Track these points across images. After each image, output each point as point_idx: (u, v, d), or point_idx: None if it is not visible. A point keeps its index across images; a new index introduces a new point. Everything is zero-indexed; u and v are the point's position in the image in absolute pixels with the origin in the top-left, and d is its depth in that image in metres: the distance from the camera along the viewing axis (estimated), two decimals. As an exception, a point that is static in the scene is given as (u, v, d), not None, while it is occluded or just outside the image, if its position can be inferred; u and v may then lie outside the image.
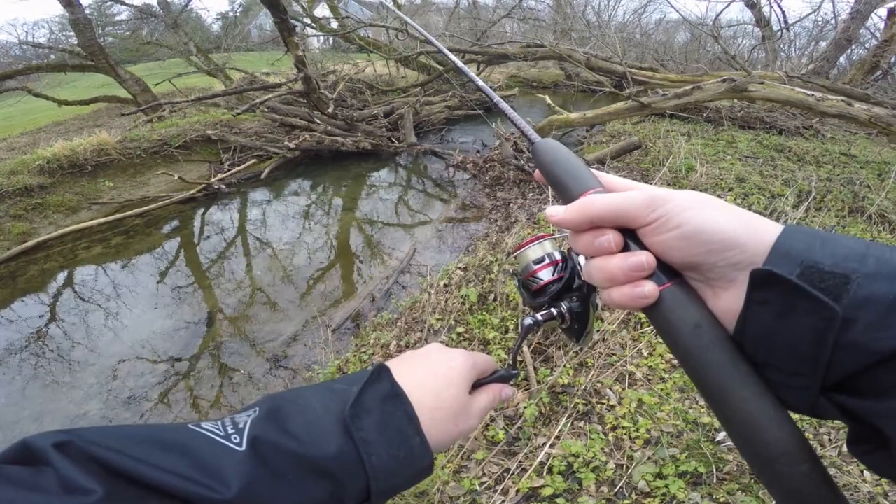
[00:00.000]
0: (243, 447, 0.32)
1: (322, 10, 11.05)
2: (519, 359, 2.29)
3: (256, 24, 18.91)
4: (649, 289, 0.32)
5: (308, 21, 9.39)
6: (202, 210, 6.15)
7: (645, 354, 2.26)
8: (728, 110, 7.11)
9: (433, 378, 0.43)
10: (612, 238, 0.33)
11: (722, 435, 1.74)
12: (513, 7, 10.38)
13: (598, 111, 6.32)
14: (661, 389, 2.01)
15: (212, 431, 0.32)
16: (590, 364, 2.23)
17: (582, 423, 1.93)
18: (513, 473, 1.76)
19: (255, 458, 0.32)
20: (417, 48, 8.72)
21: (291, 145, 6.77)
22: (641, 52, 12.73)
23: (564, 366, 2.22)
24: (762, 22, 10.36)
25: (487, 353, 2.43)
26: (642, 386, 2.06)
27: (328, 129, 7.17)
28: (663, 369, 2.14)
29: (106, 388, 3.11)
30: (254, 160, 7.02)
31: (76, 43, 9.27)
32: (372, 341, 2.86)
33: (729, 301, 0.31)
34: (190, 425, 0.33)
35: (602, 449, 1.77)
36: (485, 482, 1.76)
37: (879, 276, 0.27)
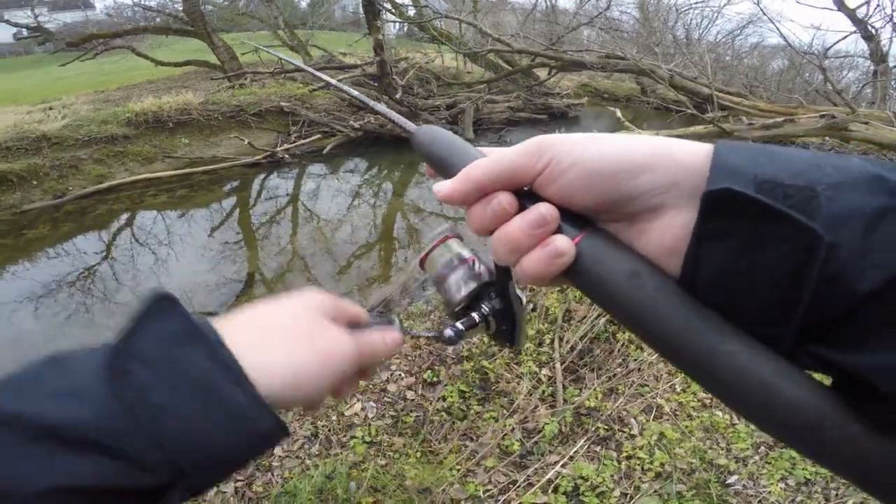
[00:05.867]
0: None
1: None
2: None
3: (340, 4, 19.65)
4: (561, 242, 0.27)
5: (388, 6, 9.61)
6: (263, 175, 6.45)
7: (678, 390, 2.21)
8: (816, 147, 6.55)
9: (266, 313, 0.33)
10: (503, 199, 0.28)
11: (734, 478, 1.72)
12: (596, 15, 10.09)
13: (671, 132, 6.04)
14: (686, 427, 1.97)
15: None
16: (620, 391, 2.20)
17: (598, 448, 1.92)
18: (518, 486, 1.77)
19: None
20: (488, 45, 8.66)
21: (356, 125, 6.96)
22: (730, 76, 12.02)
23: (594, 389, 2.20)
24: (877, 56, 9.42)
25: (517, 364, 2.40)
26: (668, 420, 2.02)
27: (393, 113, 7.30)
28: (693, 407, 2.10)
29: None
30: (319, 135, 7.26)
31: (181, 8, 9.96)
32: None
33: (659, 236, 0.26)
34: None
35: (612, 476, 1.76)
36: (489, 490, 1.77)
37: (845, 185, 0.22)
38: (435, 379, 2.42)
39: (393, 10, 9.56)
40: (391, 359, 2.62)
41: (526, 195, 0.29)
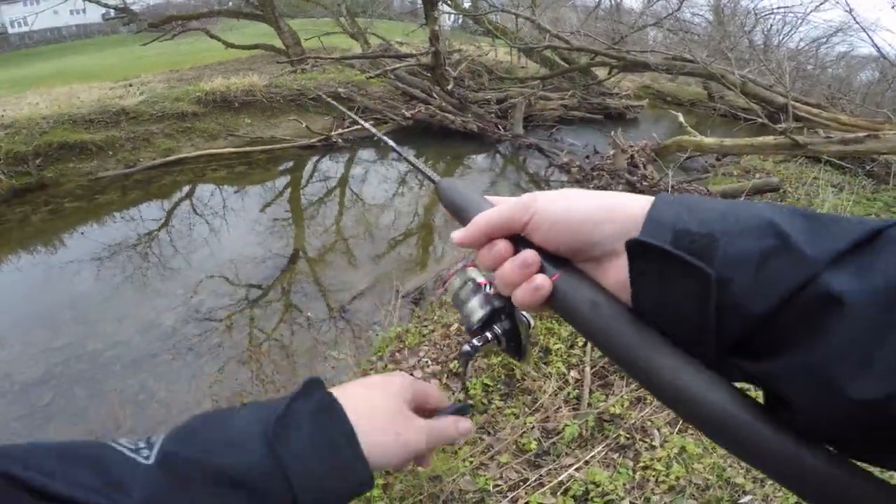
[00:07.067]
0: (150, 461, 0.33)
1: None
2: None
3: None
4: (540, 280, 0.34)
5: (446, -3, 9.57)
6: (316, 158, 6.69)
7: (710, 405, 2.10)
8: (901, 166, 5.99)
9: (368, 391, 0.43)
10: (501, 246, 0.36)
11: (747, 498, 1.67)
12: (665, 16, 9.58)
13: (738, 141, 5.71)
14: (710, 443, 1.89)
15: (124, 447, 0.34)
16: (648, 401, 2.15)
17: (616, 455, 1.89)
18: (529, 484, 1.76)
19: (163, 470, 0.33)
20: (545, 41, 8.46)
21: (408, 114, 7.03)
22: (810, 86, 11.16)
23: (622, 396, 2.16)
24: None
25: (545, 363, 2.38)
26: (692, 435, 1.93)
27: (443, 105, 7.33)
28: (722, 423, 1.98)
29: (186, 302, 3.44)
30: (372, 122, 7.38)
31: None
32: (435, 318, 2.89)
33: (616, 274, 0.32)
34: (108, 441, 0.34)
35: (624, 484, 1.71)
36: (499, 486, 1.77)
37: (741, 232, 0.27)
38: (461, 370, 2.44)
39: (449, 2, 9.53)
40: (422, 347, 2.67)
41: (520, 240, 0.36)
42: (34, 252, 4.37)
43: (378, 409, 0.42)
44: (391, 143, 0.57)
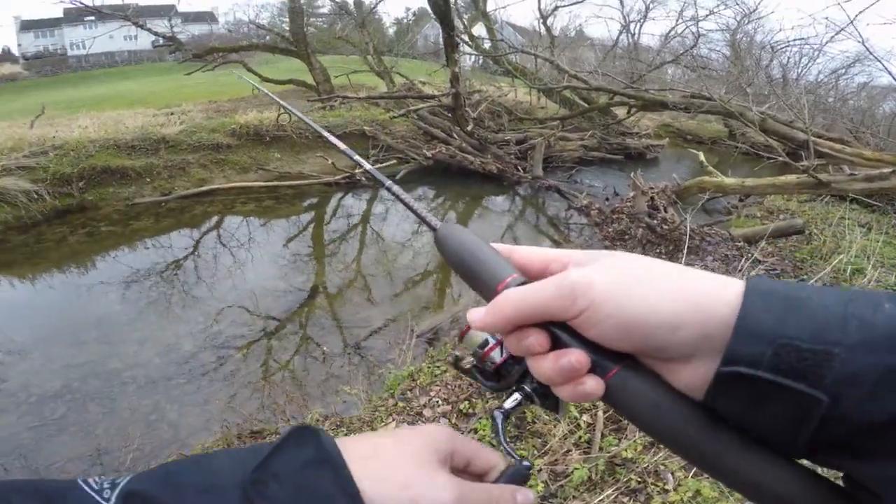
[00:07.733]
0: (110, 502, 0.30)
1: (478, 30, 11.46)
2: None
3: (423, 34, 20.46)
4: (591, 386, 0.29)
5: (465, 38, 9.82)
6: (340, 195, 6.91)
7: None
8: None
9: (383, 439, 0.36)
10: (534, 340, 0.30)
11: None
12: (681, 53, 9.70)
13: (760, 181, 5.64)
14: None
15: (89, 486, 0.31)
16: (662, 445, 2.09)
17: (626, 499, 1.84)
18: None
19: None
20: (564, 81, 8.64)
21: (429, 154, 7.21)
22: (832, 120, 10.95)
23: (634, 441, 2.12)
24: None
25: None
26: (708, 477, 1.87)
27: (463, 145, 7.48)
28: (740, 466, 1.93)
29: (206, 329, 3.55)
30: (394, 161, 7.60)
31: (288, 29, 10.91)
32: (448, 359, 2.92)
33: (688, 377, 0.28)
34: (78, 479, 0.32)
35: None
36: None
37: (865, 346, 0.23)
38: (471, 410, 2.43)
39: (470, 43, 9.80)
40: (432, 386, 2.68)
41: (560, 327, 0.30)
42: (67, 272, 4.59)
43: (387, 457, 0.34)
44: (384, 178, 0.46)
